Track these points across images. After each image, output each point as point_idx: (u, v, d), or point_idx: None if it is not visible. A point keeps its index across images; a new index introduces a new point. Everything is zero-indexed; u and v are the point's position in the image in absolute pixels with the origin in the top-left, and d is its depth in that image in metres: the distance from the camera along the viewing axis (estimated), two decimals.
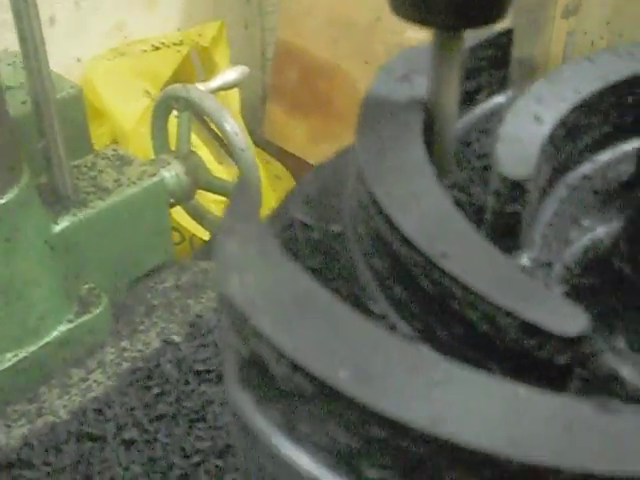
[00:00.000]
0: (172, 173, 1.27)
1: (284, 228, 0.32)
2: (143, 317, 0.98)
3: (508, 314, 0.24)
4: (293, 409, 0.23)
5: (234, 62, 1.66)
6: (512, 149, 0.29)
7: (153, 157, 1.35)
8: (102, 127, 1.56)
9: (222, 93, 1.49)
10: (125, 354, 0.99)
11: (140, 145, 1.49)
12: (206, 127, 1.37)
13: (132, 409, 0.48)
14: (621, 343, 0.27)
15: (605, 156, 0.34)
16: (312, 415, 0.23)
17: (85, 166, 1.24)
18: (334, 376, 0.22)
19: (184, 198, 1.29)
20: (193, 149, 1.35)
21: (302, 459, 0.23)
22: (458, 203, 0.32)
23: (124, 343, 1.02)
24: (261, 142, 1.64)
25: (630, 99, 0.34)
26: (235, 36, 1.80)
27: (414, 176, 0.28)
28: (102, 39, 1.63)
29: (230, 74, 1.43)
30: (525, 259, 0.30)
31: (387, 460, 0.22)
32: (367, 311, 0.28)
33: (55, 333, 1.03)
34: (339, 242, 0.31)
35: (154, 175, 1.21)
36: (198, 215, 1.37)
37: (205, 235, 1.41)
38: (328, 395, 0.22)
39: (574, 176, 0.34)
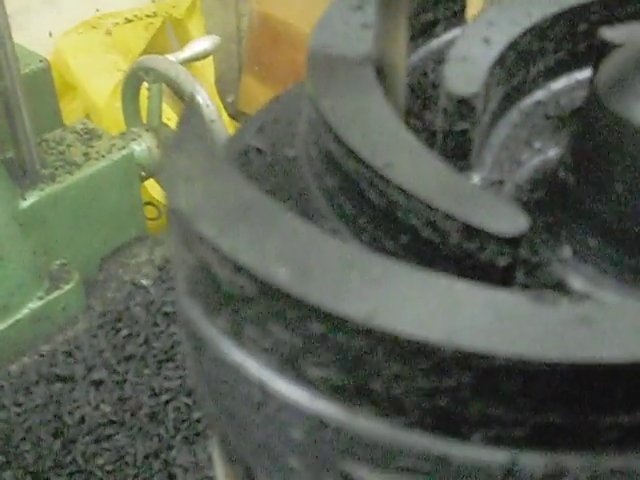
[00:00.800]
0: (143, 146, 1.26)
1: (239, 154, 0.32)
2: (115, 292, 0.98)
3: (448, 217, 0.24)
4: (238, 313, 0.24)
5: (209, 34, 1.64)
6: (460, 69, 0.30)
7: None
8: (75, 101, 1.55)
9: (197, 65, 1.47)
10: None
11: (113, 119, 1.48)
12: (180, 98, 1.36)
13: (101, 351, 0.48)
14: (567, 252, 0.27)
15: (559, 84, 0.35)
16: (256, 317, 0.23)
17: (54, 140, 1.23)
18: (274, 274, 0.22)
19: (156, 171, 1.28)
20: (166, 121, 1.33)
21: (248, 363, 0.24)
22: (412, 129, 0.32)
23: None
24: (236, 114, 1.63)
25: (584, 26, 0.34)
26: (210, 7, 1.79)
27: (362, 93, 0.29)
28: (74, 12, 1.61)
29: (200, 44, 1.42)
30: (476, 178, 0.30)
31: (328, 357, 0.22)
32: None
33: (25, 310, 1.00)
34: (293, 166, 0.31)
35: (124, 148, 1.20)
36: None
37: None
38: (269, 294, 0.22)
39: (528, 102, 0.34)
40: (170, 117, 1.40)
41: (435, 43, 0.36)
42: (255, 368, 0.24)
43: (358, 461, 0.22)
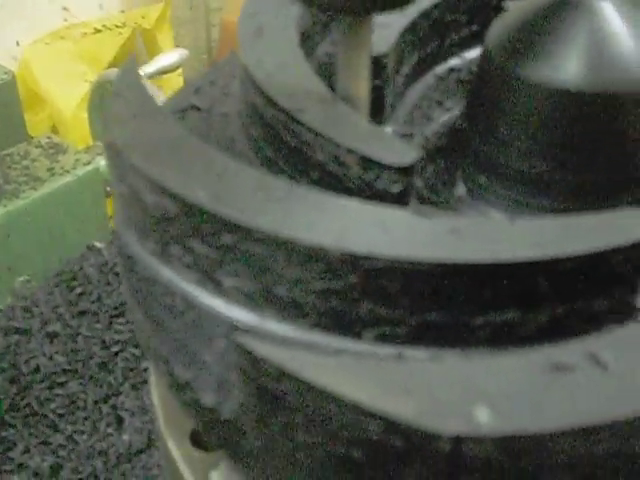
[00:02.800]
0: None
1: (178, 111, 0.35)
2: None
3: (349, 151, 0.27)
4: (164, 234, 0.27)
5: (179, 44, 1.65)
6: (375, 32, 0.33)
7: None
8: (42, 113, 1.54)
9: (166, 76, 1.48)
10: None
11: (80, 130, 1.47)
12: None
13: (57, 307, 0.51)
14: (462, 191, 0.31)
15: (472, 53, 0.38)
16: (178, 236, 0.26)
17: (18, 155, 1.20)
18: (193, 195, 0.25)
19: None
20: None
21: (173, 278, 0.27)
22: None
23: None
24: None
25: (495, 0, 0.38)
26: (179, 18, 1.79)
27: (284, 53, 0.32)
28: (43, 23, 1.61)
29: (167, 58, 1.41)
30: (388, 131, 0.34)
31: (238, 267, 0.25)
32: None
33: None
34: (226, 121, 0.35)
35: (89, 163, 1.18)
36: None
37: None
38: (189, 213, 0.26)
39: (442, 68, 0.37)
40: None
41: None
42: (179, 282, 0.27)
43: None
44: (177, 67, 1.43)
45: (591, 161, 0.29)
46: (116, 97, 0.30)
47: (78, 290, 0.52)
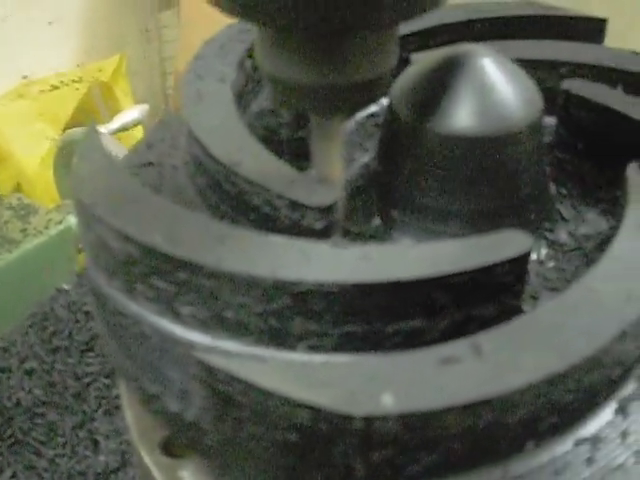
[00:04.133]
0: None
1: (135, 167, 0.41)
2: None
3: (279, 197, 0.33)
4: (129, 274, 0.32)
5: (135, 95, 1.66)
6: None
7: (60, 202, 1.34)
8: (6, 171, 1.55)
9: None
10: None
11: (45, 188, 1.47)
12: None
13: (32, 345, 0.56)
14: (377, 222, 0.37)
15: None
16: (141, 275, 0.32)
17: None
18: (151, 240, 0.31)
19: None
20: None
21: (139, 311, 0.32)
22: (270, 141, 0.41)
23: None
24: None
25: (405, 54, 0.44)
26: (134, 67, 1.80)
27: (221, 113, 0.38)
28: (1, 81, 1.61)
29: (130, 114, 1.44)
30: (314, 174, 0.40)
31: (193, 298, 0.31)
32: None
33: None
34: (176, 173, 0.40)
35: (60, 222, 1.21)
36: None
37: None
38: (149, 255, 0.31)
39: (362, 115, 0.43)
40: None
41: None
42: (144, 313, 0.32)
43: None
44: (138, 123, 1.45)
45: (482, 192, 0.35)
46: (81, 159, 0.35)
47: (50, 329, 0.57)
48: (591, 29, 0.45)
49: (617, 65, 0.40)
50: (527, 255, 0.30)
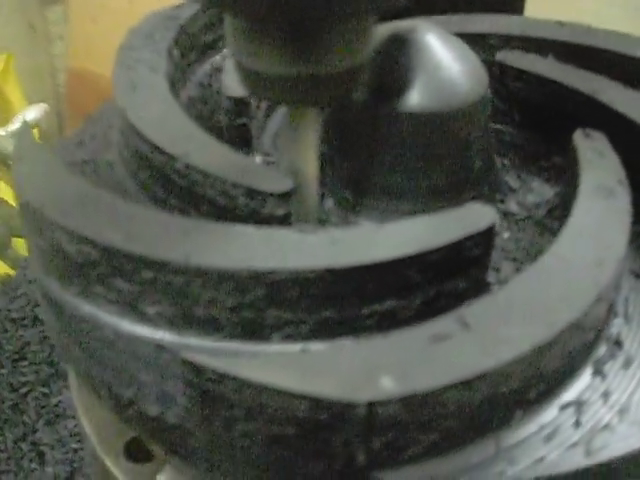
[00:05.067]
0: None
1: (67, 165, 0.39)
2: None
3: (235, 185, 0.32)
4: (86, 277, 0.31)
5: (25, 93, 1.62)
6: (234, 76, 0.38)
7: None
8: None
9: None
10: None
11: None
12: (9, 169, 1.34)
13: None
14: (330, 204, 0.36)
15: None
16: (100, 277, 0.30)
17: None
18: (110, 240, 0.29)
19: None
20: (1, 196, 1.30)
21: (99, 314, 0.31)
22: (206, 129, 0.40)
23: None
24: None
25: None
26: (22, 67, 1.75)
27: (161, 104, 0.36)
28: None
29: (29, 113, 1.40)
30: (258, 160, 0.39)
31: (159, 296, 0.30)
32: None
33: None
34: (112, 169, 0.38)
35: None
36: (17, 264, 1.33)
37: None
38: (109, 256, 0.30)
39: None
40: (4, 191, 1.36)
41: (218, 57, 0.45)
42: (105, 317, 0.31)
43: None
44: (40, 122, 1.40)
45: (437, 168, 0.35)
46: (20, 160, 0.33)
47: None
48: (512, 1, 0.45)
49: (545, 35, 0.41)
50: (494, 227, 0.31)
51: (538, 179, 0.39)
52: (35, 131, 1.46)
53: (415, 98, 0.34)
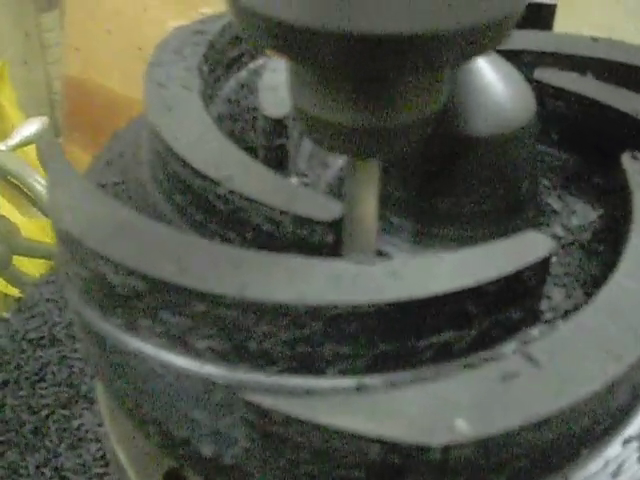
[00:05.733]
0: None
1: (98, 186, 0.38)
2: None
3: (282, 212, 0.31)
4: (131, 309, 0.30)
5: (19, 102, 1.59)
6: (271, 96, 0.37)
7: None
8: None
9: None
10: None
11: None
12: (9, 184, 1.31)
13: None
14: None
15: None
16: (147, 309, 0.29)
17: None
18: (161, 271, 0.28)
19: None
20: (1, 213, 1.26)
21: (145, 347, 0.30)
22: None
23: None
24: None
25: None
26: (16, 74, 1.71)
27: (197, 124, 0.35)
28: None
29: (29, 127, 1.37)
30: (295, 182, 0.38)
31: (211, 330, 0.29)
32: None
33: None
34: (144, 190, 0.37)
35: None
36: (19, 283, 1.27)
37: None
38: (158, 288, 0.28)
39: None
40: (4, 207, 1.33)
41: (244, 73, 0.44)
42: (152, 350, 0.30)
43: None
44: (40, 135, 1.37)
45: (482, 193, 0.34)
46: (55, 185, 0.32)
47: None
48: (542, 16, 0.44)
49: (580, 52, 0.40)
50: (550, 257, 0.30)
51: (579, 201, 0.38)
52: (32, 146, 1.43)
53: (466, 121, 0.33)
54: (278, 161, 0.37)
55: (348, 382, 0.29)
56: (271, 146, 0.37)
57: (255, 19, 0.26)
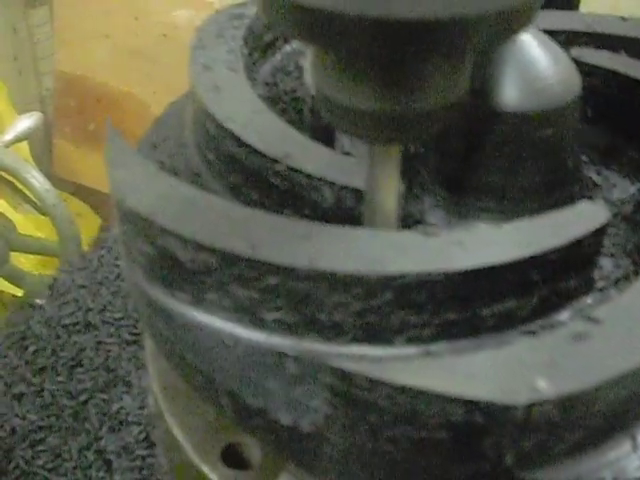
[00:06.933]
0: None
1: None
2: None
3: (343, 188, 0.32)
4: (200, 285, 0.30)
5: (10, 97, 1.58)
6: None
7: None
8: None
9: None
10: None
11: None
12: (2, 181, 1.31)
13: (15, 367, 0.52)
14: (427, 204, 0.36)
15: None
16: (217, 284, 0.30)
17: None
18: (232, 246, 0.29)
19: None
20: None
21: (215, 321, 0.30)
22: None
23: None
24: (54, 180, 1.47)
25: None
26: (5, 70, 1.70)
27: (249, 105, 0.36)
28: None
29: (23, 123, 1.36)
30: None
31: (281, 303, 0.29)
32: None
33: None
34: (190, 171, 0.38)
35: None
36: (16, 278, 1.29)
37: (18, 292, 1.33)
38: (231, 263, 0.29)
39: None
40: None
41: (279, 56, 0.44)
42: (220, 324, 0.30)
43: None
44: (34, 131, 1.36)
45: (532, 168, 0.35)
46: (116, 167, 0.32)
47: (31, 348, 0.53)
48: None
49: (612, 31, 0.41)
50: (606, 225, 0.31)
51: (617, 175, 0.39)
52: (25, 143, 1.43)
53: (511, 97, 0.34)
54: (325, 140, 0.37)
55: (415, 350, 0.30)
56: (318, 125, 0.37)
57: (281, 5, 0.26)
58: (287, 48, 0.45)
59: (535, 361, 0.26)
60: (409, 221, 0.35)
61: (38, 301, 0.56)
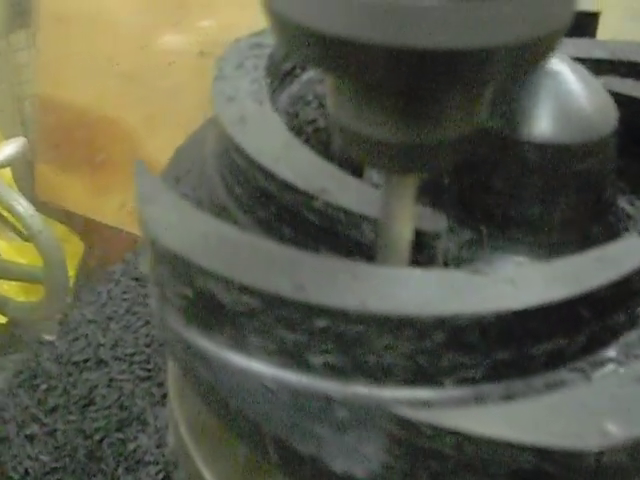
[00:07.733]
0: None
1: None
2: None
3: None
4: (242, 328, 0.29)
5: None
6: None
7: None
8: None
9: None
10: None
11: None
12: None
13: (26, 407, 0.50)
14: (463, 237, 0.36)
15: None
16: (260, 327, 0.29)
17: None
18: (277, 288, 0.28)
19: None
20: None
21: (256, 366, 0.29)
22: None
23: None
24: (36, 205, 1.41)
25: None
26: None
27: (278, 137, 0.35)
28: None
29: (8, 149, 1.34)
30: None
31: (329, 346, 0.28)
32: None
33: None
34: (216, 205, 0.37)
35: None
36: (3, 309, 1.27)
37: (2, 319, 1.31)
38: (274, 305, 0.28)
39: None
40: None
41: (297, 85, 0.43)
42: (263, 368, 0.29)
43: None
44: (20, 157, 1.33)
45: (569, 200, 0.34)
46: (147, 203, 0.31)
47: (42, 387, 0.51)
48: (585, 24, 0.45)
49: (634, 58, 0.41)
50: None
51: None
52: (8, 170, 1.40)
53: (553, 129, 0.33)
54: (353, 172, 0.37)
55: (465, 392, 0.29)
56: (346, 157, 0.36)
57: (297, 33, 0.25)
58: (304, 76, 0.44)
59: (600, 405, 0.25)
60: (447, 255, 0.34)
61: (47, 337, 0.55)
